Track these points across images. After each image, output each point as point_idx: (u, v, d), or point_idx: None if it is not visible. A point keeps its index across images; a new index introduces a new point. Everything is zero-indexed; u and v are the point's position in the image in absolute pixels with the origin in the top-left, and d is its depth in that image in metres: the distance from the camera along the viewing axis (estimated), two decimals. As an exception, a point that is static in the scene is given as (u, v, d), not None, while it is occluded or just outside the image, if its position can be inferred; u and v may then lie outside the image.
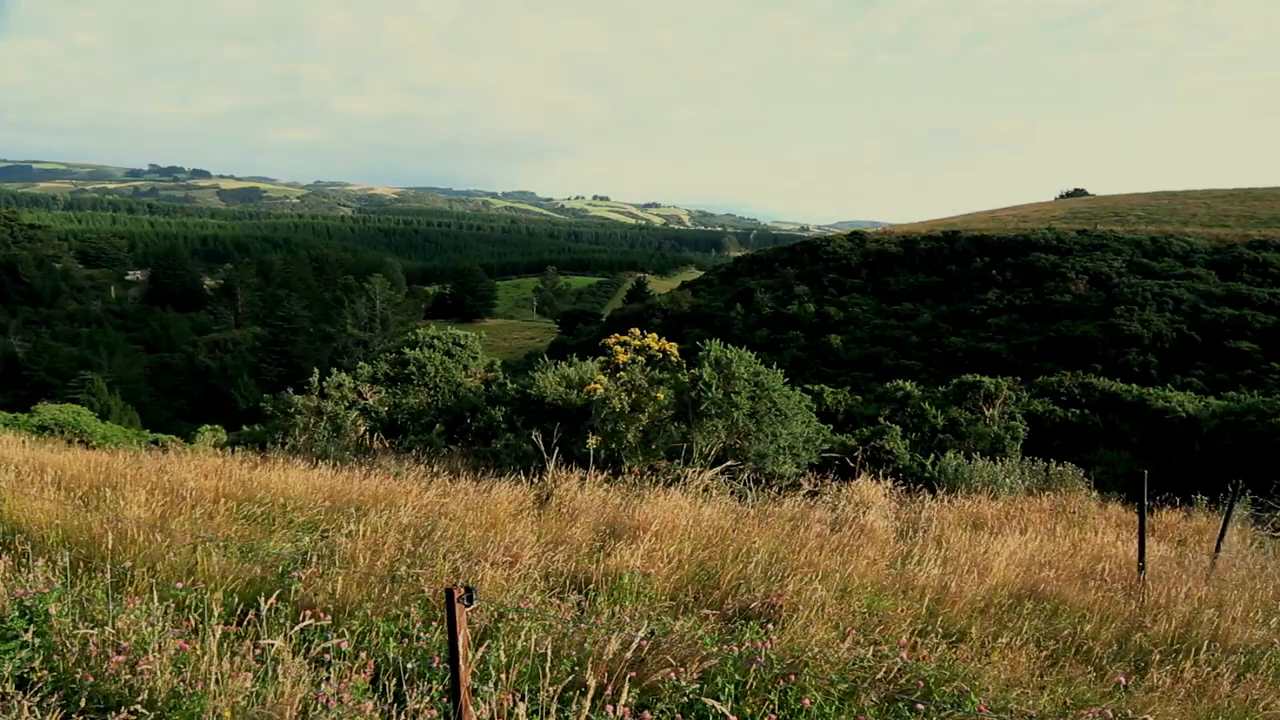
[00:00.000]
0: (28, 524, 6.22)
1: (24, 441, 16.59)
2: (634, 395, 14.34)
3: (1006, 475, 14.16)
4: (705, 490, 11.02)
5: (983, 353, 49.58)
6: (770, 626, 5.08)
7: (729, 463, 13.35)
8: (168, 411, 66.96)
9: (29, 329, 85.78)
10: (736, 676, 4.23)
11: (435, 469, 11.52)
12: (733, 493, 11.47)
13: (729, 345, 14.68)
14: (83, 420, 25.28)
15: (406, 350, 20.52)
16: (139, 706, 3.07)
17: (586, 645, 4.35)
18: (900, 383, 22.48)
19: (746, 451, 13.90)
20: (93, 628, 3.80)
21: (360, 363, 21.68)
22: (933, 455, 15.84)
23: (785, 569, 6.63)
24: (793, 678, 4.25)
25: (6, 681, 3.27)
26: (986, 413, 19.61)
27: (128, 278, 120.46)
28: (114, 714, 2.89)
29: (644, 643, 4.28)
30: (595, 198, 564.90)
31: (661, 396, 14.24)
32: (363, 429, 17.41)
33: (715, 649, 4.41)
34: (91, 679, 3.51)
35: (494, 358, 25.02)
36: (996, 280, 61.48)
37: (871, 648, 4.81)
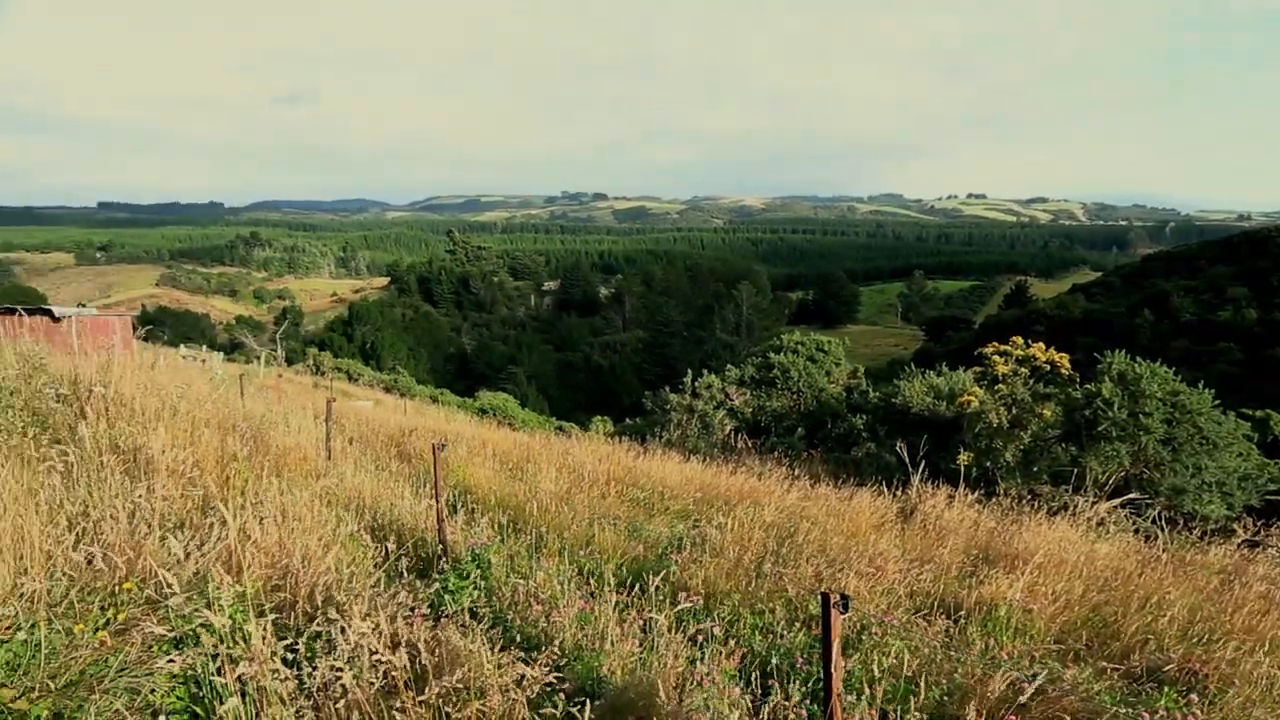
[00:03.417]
0: (475, 487, 7.75)
1: (470, 420, 20.64)
2: (1014, 410, 13.00)
3: None
4: (1100, 524, 9.56)
5: None
6: (1193, 697, 4.23)
7: (1132, 495, 11.40)
8: (568, 403, 77.93)
9: (475, 330, 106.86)
10: (1146, 747, 3.61)
11: (795, 472, 11.71)
12: (1136, 531, 9.77)
13: (1135, 358, 12.55)
14: (509, 407, 30.72)
15: (771, 355, 21.16)
16: (554, 651, 3.65)
17: (957, 676, 4.07)
18: (1402, 412, 17.07)
19: (1157, 484, 11.75)
20: (520, 579, 4.62)
21: (728, 365, 22.91)
22: None
23: (1212, 630, 5.49)
24: (1226, 765, 3.50)
25: (464, 612, 4.14)
26: None
27: (544, 288, 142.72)
28: (536, 653, 3.48)
29: (1025, 684, 3.88)
30: (970, 196, 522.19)
31: (1048, 413, 12.69)
32: (729, 428, 18.39)
33: (1118, 710, 3.82)
34: (519, 621, 4.27)
35: (856, 364, 24.59)
36: None
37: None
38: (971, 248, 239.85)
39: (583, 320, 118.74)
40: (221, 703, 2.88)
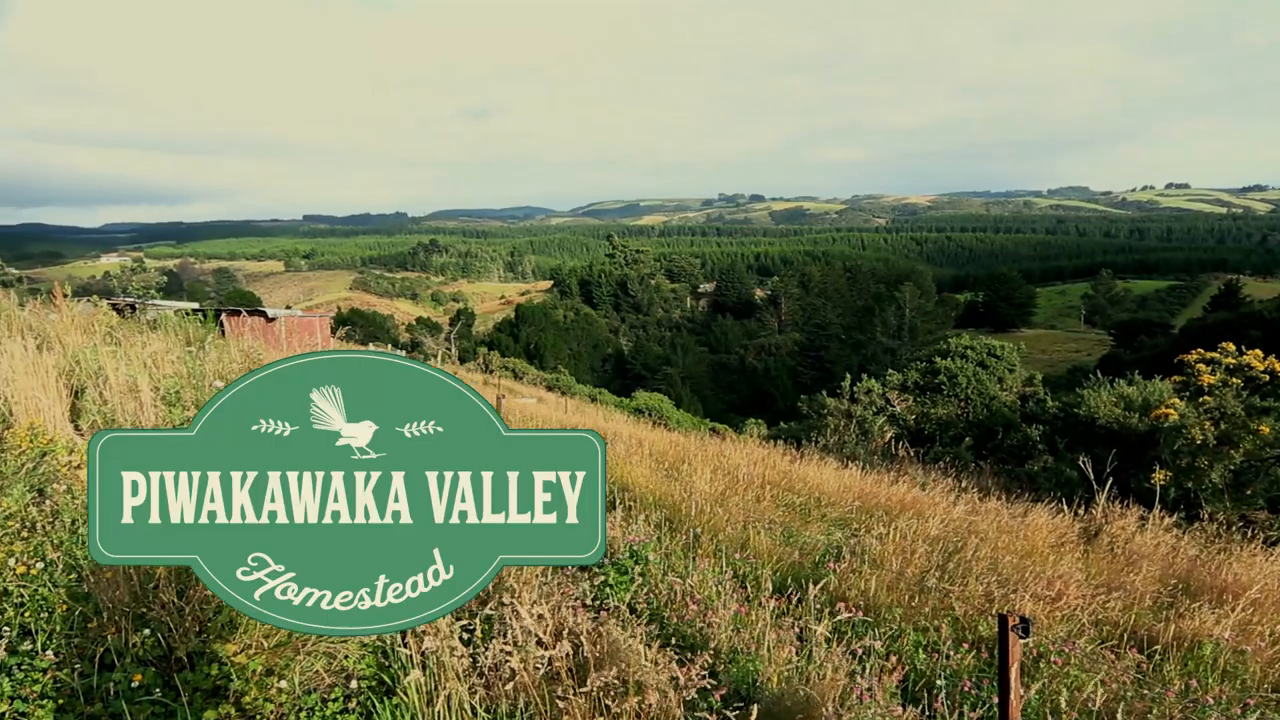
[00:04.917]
0: (631, 485, 7.93)
1: (626, 419, 21.12)
2: (1223, 425, 11.60)
3: None
4: (1331, 559, 8.34)
5: None
6: None
7: (1380, 529, 9.83)
8: (722, 405, 77.75)
9: (632, 332, 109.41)
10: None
11: (962, 484, 11.08)
12: (1385, 571, 8.42)
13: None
14: (664, 407, 31.14)
15: (937, 360, 20.10)
16: (710, 653, 3.68)
17: (1151, 717, 3.70)
18: None
19: None
20: (676, 578, 4.69)
21: (889, 370, 21.99)
22: None
23: None
24: None
25: (624, 607, 4.26)
26: None
27: (699, 290, 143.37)
28: (691, 653, 3.53)
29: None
30: (1169, 186, 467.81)
31: (1266, 430, 11.23)
32: (889, 435, 17.65)
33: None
34: (675, 620, 4.33)
35: (1032, 371, 22.84)
36: None
37: None
38: (1171, 244, 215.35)
39: (737, 322, 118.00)
40: (405, 673, 3.14)
